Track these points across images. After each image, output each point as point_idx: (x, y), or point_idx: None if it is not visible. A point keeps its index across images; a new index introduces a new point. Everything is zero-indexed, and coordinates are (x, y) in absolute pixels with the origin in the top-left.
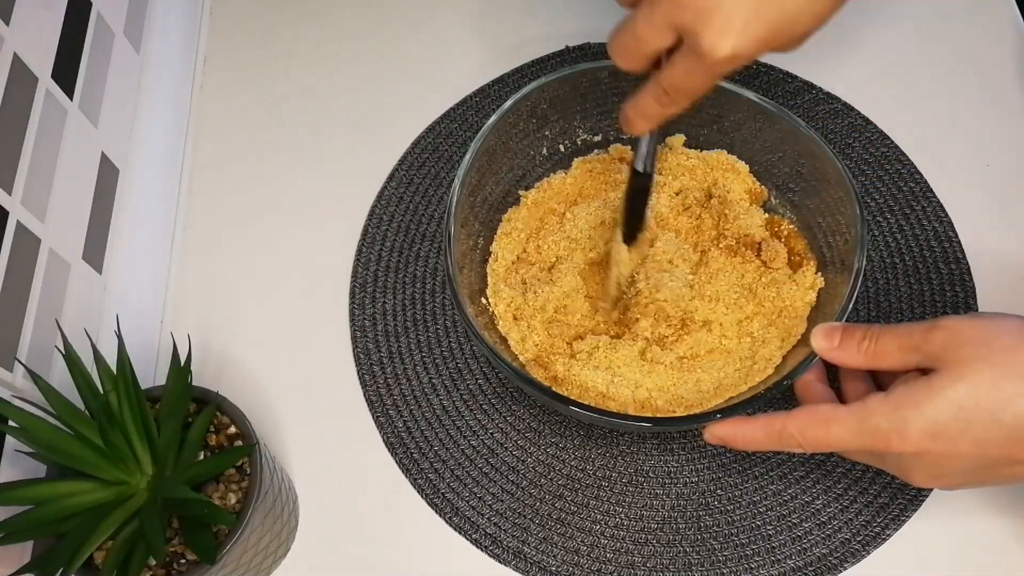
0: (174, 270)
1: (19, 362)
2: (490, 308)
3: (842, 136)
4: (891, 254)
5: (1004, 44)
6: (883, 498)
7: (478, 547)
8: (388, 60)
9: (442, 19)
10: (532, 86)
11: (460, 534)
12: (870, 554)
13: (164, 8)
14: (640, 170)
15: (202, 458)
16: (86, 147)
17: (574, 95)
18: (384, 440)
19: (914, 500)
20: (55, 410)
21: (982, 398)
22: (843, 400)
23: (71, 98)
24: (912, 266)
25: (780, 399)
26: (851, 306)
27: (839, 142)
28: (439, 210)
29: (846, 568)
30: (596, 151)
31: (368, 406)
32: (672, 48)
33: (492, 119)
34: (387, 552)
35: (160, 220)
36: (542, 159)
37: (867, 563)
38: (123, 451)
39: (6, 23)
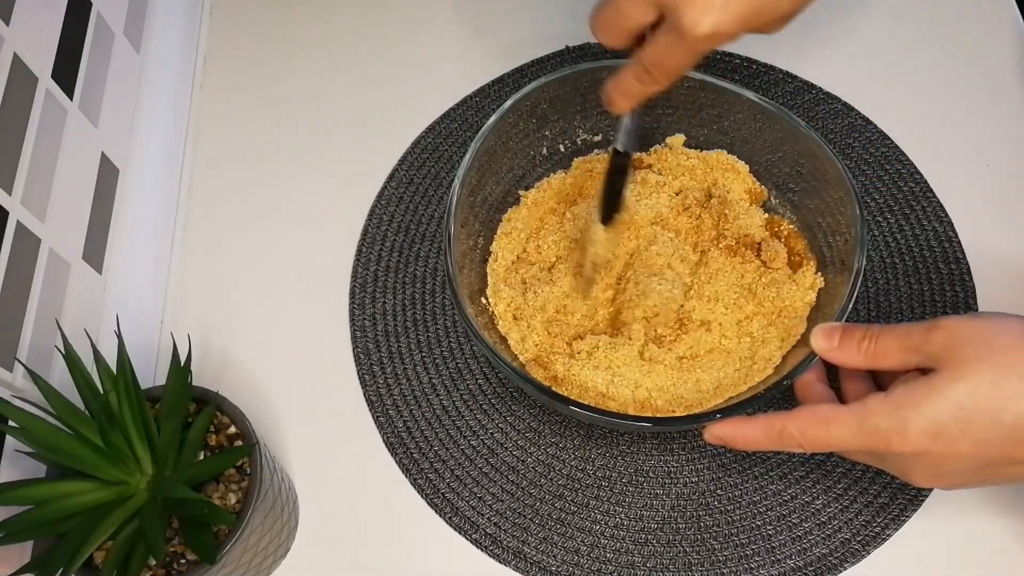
0: (174, 270)
1: (19, 362)
2: (490, 308)
3: (842, 136)
4: (891, 254)
5: (1004, 44)
6: (883, 498)
7: (478, 547)
8: (388, 60)
9: (442, 19)
10: (532, 86)
11: (460, 534)
12: (870, 554)
13: (164, 8)
14: (620, 150)
15: (202, 458)
16: (86, 147)
17: (574, 95)
18: (384, 440)
19: (914, 500)
20: (55, 410)
21: (982, 398)
22: (843, 400)
23: (71, 98)
24: (912, 266)
25: (780, 399)
26: (851, 306)
27: (839, 142)
28: (439, 210)
29: (846, 568)
30: (596, 151)
31: (368, 406)
32: (655, 25)
33: (492, 119)
34: (387, 552)
35: (160, 220)
36: (542, 159)
37: (867, 563)
38: (123, 451)
39: (6, 23)
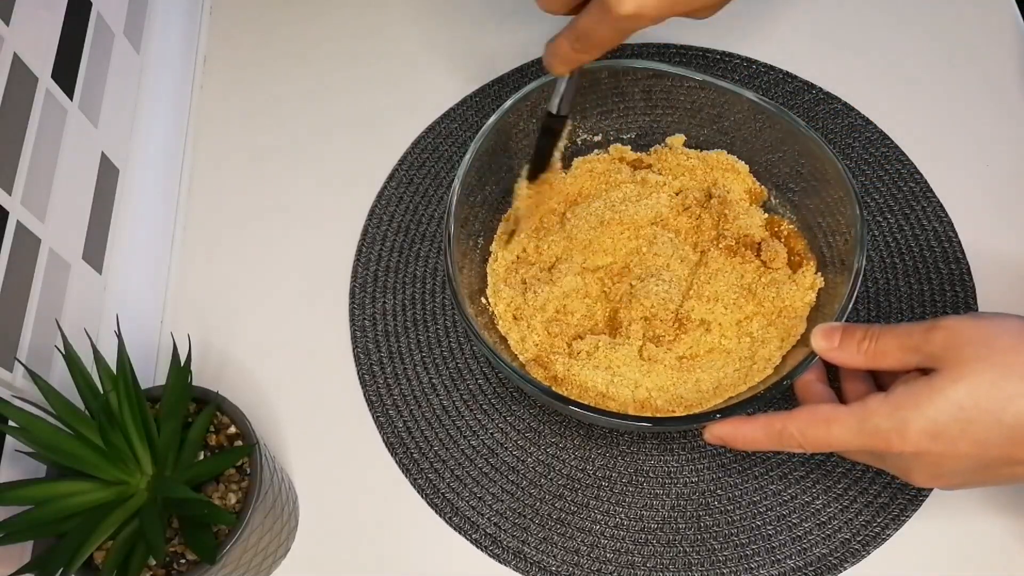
0: (174, 270)
1: (19, 362)
2: (490, 308)
3: (842, 136)
4: (891, 254)
5: (1004, 44)
6: (883, 498)
7: (478, 547)
8: (388, 60)
9: (442, 19)
10: (532, 86)
11: (460, 534)
12: (870, 554)
13: (164, 8)
14: (553, 112)
15: (202, 458)
16: (86, 147)
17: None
18: (384, 440)
19: (914, 500)
20: (55, 410)
21: (982, 398)
22: (843, 400)
23: (71, 98)
24: (912, 266)
25: (780, 399)
26: (851, 306)
27: (839, 142)
28: (439, 210)
29: (846, 568)
30: (596, 151)
31: (368, 406)
32: None
33: (492, 119)
34: (387, 552)
35: (160, 220)
36: None
37: (867, 563)
38: (123, 451)
39: (6, 23)
